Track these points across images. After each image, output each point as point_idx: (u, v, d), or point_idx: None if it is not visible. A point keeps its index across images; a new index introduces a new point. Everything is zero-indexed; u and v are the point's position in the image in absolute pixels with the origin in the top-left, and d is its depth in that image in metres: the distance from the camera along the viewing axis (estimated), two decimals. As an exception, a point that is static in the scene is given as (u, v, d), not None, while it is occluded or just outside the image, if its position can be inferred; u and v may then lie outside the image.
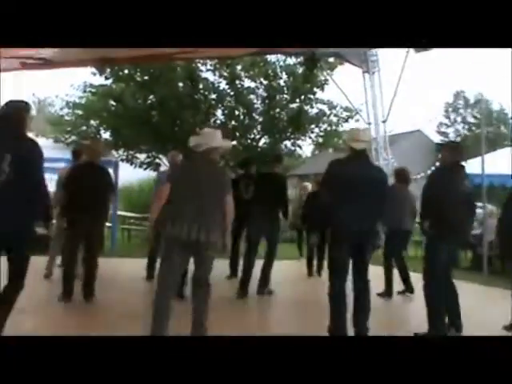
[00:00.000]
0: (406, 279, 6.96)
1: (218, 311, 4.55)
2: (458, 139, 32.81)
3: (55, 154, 11.08)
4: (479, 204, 8.52)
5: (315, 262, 8.54)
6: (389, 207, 4.76)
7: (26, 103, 3.77)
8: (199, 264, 4.12)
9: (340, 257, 4.35)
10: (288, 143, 14.91)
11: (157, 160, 14.14)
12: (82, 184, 5.53)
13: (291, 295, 6.98)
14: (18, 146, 3.53)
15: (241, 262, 6.79)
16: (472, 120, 38.02)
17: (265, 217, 6.33)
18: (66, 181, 5.80)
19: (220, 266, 5.71)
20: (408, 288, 6.94)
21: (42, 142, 7.22)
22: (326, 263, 5.78)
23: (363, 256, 4.41)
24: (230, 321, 5.05)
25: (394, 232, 6.60)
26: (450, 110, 39.75)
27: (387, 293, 6.75)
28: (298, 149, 15.32)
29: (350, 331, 4.29)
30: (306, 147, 16.44)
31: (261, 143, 14.66)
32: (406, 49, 9.71)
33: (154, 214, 4.19)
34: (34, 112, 3.81)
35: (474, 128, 36.96)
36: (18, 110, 3.64)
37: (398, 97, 11.60)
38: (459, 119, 38.31)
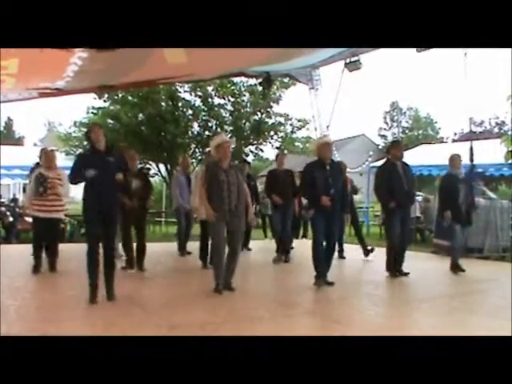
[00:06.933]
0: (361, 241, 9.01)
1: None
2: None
3: (67, 164, 13.92)
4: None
5: None
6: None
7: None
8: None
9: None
10: (252, 148, 18.28)
11: (147, 165, 17.09)
12: None
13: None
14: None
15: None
16: (405, 124, 43.20)
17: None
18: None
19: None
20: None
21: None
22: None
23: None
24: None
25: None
26: (388, 117, 44.84)
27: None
28: (261, 153, 18.69)
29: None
30: (269, 152, 20.04)
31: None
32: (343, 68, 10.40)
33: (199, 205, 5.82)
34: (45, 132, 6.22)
35: (407, 131, 42.01)
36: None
37: (344, 108, 14.40)
38: (395, 124, 43.28)
